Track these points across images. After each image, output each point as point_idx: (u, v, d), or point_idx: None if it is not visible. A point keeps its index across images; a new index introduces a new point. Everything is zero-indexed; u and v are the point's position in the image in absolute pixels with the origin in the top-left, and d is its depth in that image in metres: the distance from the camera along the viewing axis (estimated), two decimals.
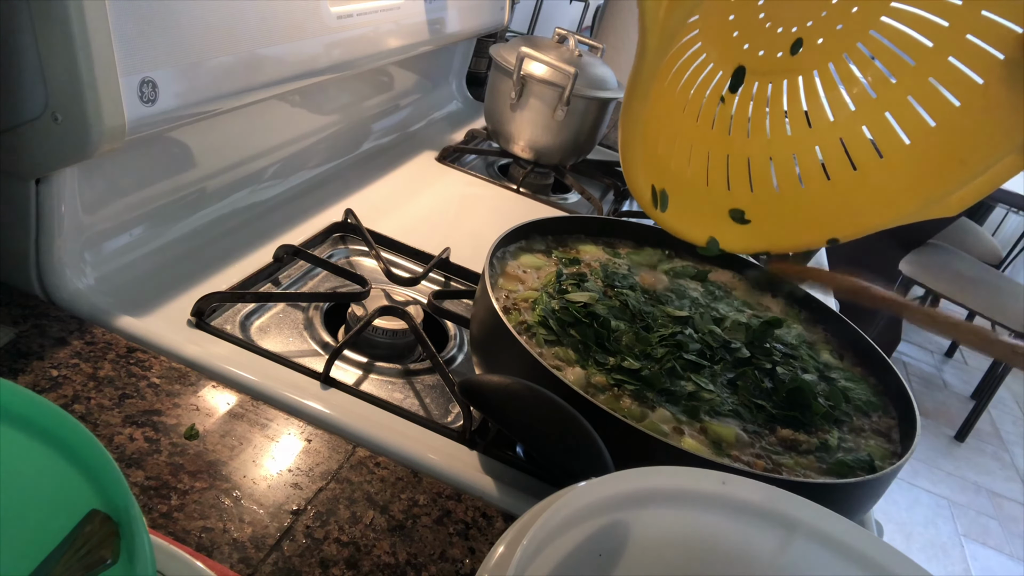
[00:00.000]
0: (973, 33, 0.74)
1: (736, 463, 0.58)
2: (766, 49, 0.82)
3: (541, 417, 0.53)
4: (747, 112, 0.84)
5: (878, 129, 0.80)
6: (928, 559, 2.54)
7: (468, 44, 1.46)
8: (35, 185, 0.62)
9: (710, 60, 0.82)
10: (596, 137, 1.25)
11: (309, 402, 0.63)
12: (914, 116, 0.78)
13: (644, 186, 0.78)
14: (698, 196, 0.84)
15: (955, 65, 0.75)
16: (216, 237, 0.83)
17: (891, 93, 0.79)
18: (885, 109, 0.80)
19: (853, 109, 0.81)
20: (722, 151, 0.84)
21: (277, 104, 0.91)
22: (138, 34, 0.60)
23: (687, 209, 0.82)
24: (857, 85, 0.81)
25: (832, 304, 1.18)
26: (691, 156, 0.84)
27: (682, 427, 0.61)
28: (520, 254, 0.78)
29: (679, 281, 0.82)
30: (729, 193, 0.85)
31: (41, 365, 0.58)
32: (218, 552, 0.49)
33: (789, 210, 0.83)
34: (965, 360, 3.89)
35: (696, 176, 0.84)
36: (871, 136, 0.80)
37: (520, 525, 0.39)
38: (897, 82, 0.79)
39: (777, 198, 0.84)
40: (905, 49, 0.78)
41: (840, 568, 0.45)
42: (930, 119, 0.77)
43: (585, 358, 0.65)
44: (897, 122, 0.79)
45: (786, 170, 0.84)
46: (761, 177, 0.84)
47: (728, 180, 0.84)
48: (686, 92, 0.82)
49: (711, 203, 0.84)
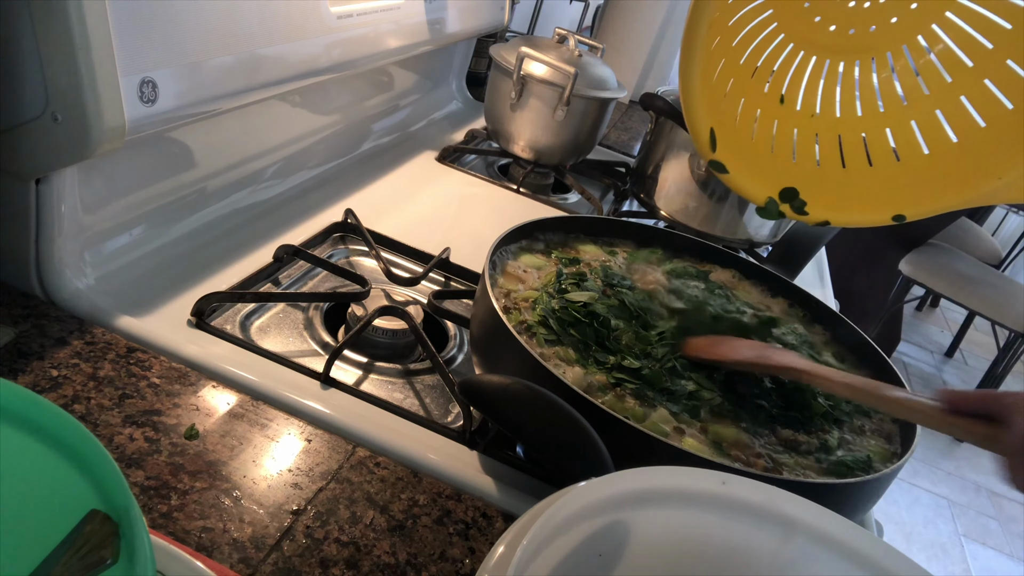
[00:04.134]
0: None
1: (736, 463, 0.58)
2: (839, 24, 0.80)
3: (541, 417, 0.53)
4: (817, 89, 0.82)
5: (952, 112, 0.78)
6: (928, 559, 2.54)
7: (468, 44, 1.46)
8: (35, 185, 0.62)
9: (780, 30, 0.80)
10: (596, 137, 1.25)
11: (309, 402, 0.63)
12: (991, 98, 0.76)
13: (704, 126, 0.78)
14: (761, 159, 0.84)
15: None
16: (216, 237, 0.83)
17: (967, 76, 0.77)
18: (960, 93, 0.77)
19: (927, 93, 0.79)
20: (790, 123, 0.83)
21: (277, 104, 0.91)
22: (138, 34, 0.60)
23: (749, 167, 0.82)
24: (931, 68, 0.79)
25: (832, 304, 1.18)
26: (757, 121, 0.83)
27: (682, 427, 0.61)
28: (520, 254, 0.78)
29: (679, 280, 0.82)
30: (793, 165, 0.84)
31: (41, 365, 0.58)
32: (218, 552, 0.49)
33: (856, 186, 0.82)
34: (965, 360, 3.89)
35: (761, 140, 0.84)
36: (944, 120, 0.78)
37: (520, 525, 0.39)
38: (974, 65, 0.76)
39: (843, 174, 0.83)
40: (982, 31, 0.76)
41: (840, 568, 0.45)
42: (1008, 101, 0.74)
43: (585, 357, 0.65)
44: (973, 105, 0.77)
45: (854, 147, 0.82)
46: (828, 152, 0.83)
47: (794, 152, 0.84)
48: (755, 59, 0.81)
49: (773, 169, 0.83)
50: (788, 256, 1.14)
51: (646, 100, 1.12)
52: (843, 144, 0.82)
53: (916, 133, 0.79)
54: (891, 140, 0.80)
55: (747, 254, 1.16)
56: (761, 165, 0.83)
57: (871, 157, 0.81)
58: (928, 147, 0.79)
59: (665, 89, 1.18)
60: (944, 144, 0.78)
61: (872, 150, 0.82)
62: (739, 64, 0.81)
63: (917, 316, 4.24)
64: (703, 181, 1.12)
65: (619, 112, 1.84)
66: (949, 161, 0.78)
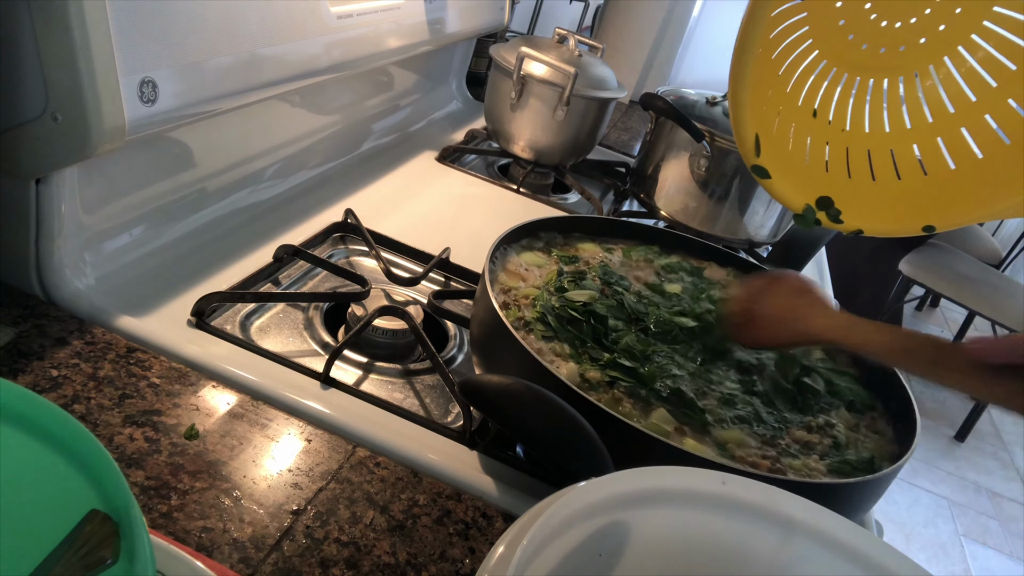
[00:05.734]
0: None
1: (740, 463, 0.59)
2: (870, 43, 0.83)
3: (541, 417, 0.53)
4: (847, 105, 0.86)
5: (978, 129, 0.81)
6: (928, 559, 2.54)
7: (468, 44, 1.46)
8: (35, 185, 0.62)
9: (815, 46, 0.84)
10: (596, 137, 1.25)
11: (309, 402, 0.63)
12: (1015, 117, 0.78)
13: (749, 132, 0.82)
14: (797, 168, 0.87)
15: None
16: (216, 237, 0.82)
17: (992, 96, 0.80)
18: (986, 111, 0.80)
19: (953, 111, 0.82)
20: (822, 136, 0.87)
21: (277, 104, 0.91)
22: (138, 34, 0.60)
23: (787, 176, 0.86)
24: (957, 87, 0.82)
25: (832, 304, 1.18)
26: (793, 133, 0.86)
27: (684, 427, 0.61)
28: (521, 252, 0.78)
29: (673, 275, 0.82)
30: (826, 175, 0.87)
31: (41, 365, 0.58)
32: (218, 552, 0.49)
33: (886, 197, 0.85)
34: None
35: (797, 151, 0.87)
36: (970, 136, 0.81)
37: (520, 525, 0.39)
38: (997, 86, 0.79)
39: (874, 185, 0.85)
40: (1006, 54, 0.79)
41: (840, 568, 0.45)
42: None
43: (580, 354, 0.65)
44: (997, 123, 0.79)
45: (883, 160, 0.85)
46: (859, 165, 0.86)
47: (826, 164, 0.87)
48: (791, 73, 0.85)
49: (809, 178, 0.87)
50: (788, 256, 1.14)
51: (646, 100, 1.12)
52: (873, 157, 0.86)
53: (942, 148, 0.83)
54: (918, 154, 0.84)
55: (747, 254, 1.16)
56: (798, 174, 0.87)
57: (899, 171, 0.85)
58: (954, 162, 0.82)
59: (665, 89, 1.18)
60: (970, 159, 0.81)
61: (900, 164, 0.85)
62: (777, 76, 0.85)
63: (917, 316, 4.24)
64: (703, 181, 1.12)
65: (619, 112, 1.84)
66: (976, 175, 0.81)
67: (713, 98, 1.15)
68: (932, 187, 0.83)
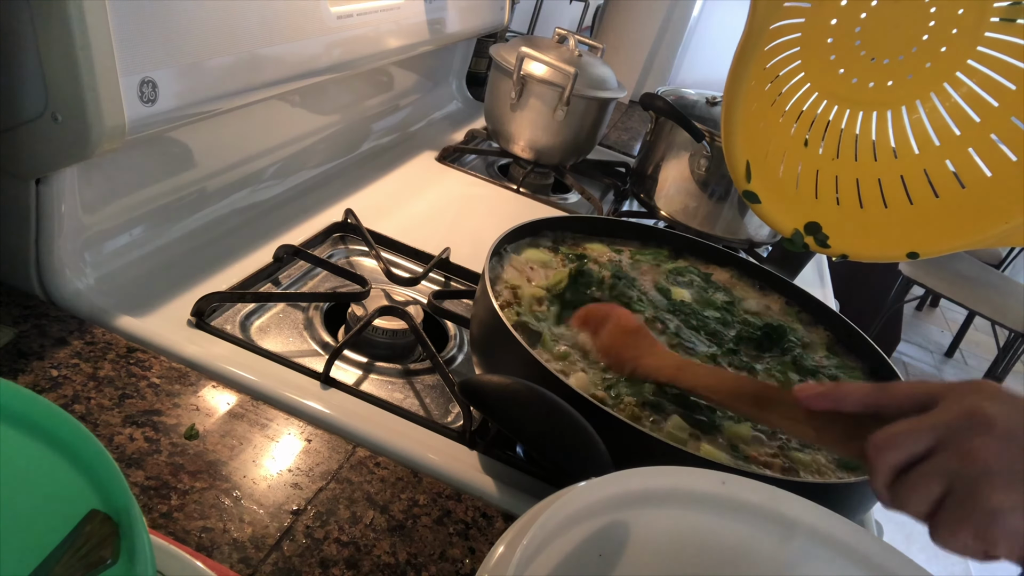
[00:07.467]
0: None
1: (753, 464, 0.59)
2: (860, 78, 0.87)
3: (541, 417, 0.53)
4: (837, 136, 0.89)
5: (961, 161, 0.84)
6: (928, 559, 2.53)
7: (468, 44, 1.46)
8: (35, 185, 0.62)
9: (807, 80, 0.88)
10: (596, 137, 1.25)
11: (309, 402, 0.63)
12: (997, 151, 0.82)
13: (741, 158, 0.85)
14: (787, 194, 0.90)
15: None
16: (216, 237, 0.82)
17: (975, 130, 0.84)
18: (968, 145, 0.84)
19: (938, 144, 0.86)
20: (812, 165, 0.90)
21: (277, 104, 0.91)
22: (138, 34, 0.60)
23: (777, 201, 0.89)
24: (942, 121, 0.86)
25: (832, 304, 1.18)
26: (784, 160, 0.90)
27: (698, 433, 0.61)
28: (525, 249, 0.78)
29: (680, 278, 0.82)
30: (816, 201, 0.90)
31: (41, 365, 0.58)
32: (218, 552, 0.49)
33: (873, 224, 0.88)
34: (965, 360, 3.89)
35: (787, 177, 0.90)
36: (953, 168, 0.85)
37: (520, 525, 0.39)
38: (981, 120, 0.83)
39: (861, 212, 0.89)
40: (989, 91, 0.83)
41: (840, 568, 0.45)
42: (1012, 154, 0.81)
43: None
44: (980, 157, 0.83)
45: (871, 189, 0.89)
46: (847, 192, 0.90)
47: (816, 191, 0.90)
48: (784, 104, 0.88)
49: (799, 204, 0.90)
50: (788, 256, 1.14)
51: (646, 100, 1.12)
52: (861, 186, 0.89)
53: (927, 180, 0.86)
54: (904, 185, 0.87)
55: (747, 254, 1.16)
56: (788, 200, 0.90)
57: (886, 199, 0.88)
58: (939, 192, 0.85)
59: (665, 89, 1.18)
60: (953, 190, 0.85)
61: (887, 193, 0.88)
62: (770, 107, 0.88)
63: (917, 316, 4.24)
64: (703, 181, 1.12)
65: (619, 112, 1.84)
66: (959, 205, 0.84)
67: (713, 98, 1.15)
68: (917, 216, 0.86)
